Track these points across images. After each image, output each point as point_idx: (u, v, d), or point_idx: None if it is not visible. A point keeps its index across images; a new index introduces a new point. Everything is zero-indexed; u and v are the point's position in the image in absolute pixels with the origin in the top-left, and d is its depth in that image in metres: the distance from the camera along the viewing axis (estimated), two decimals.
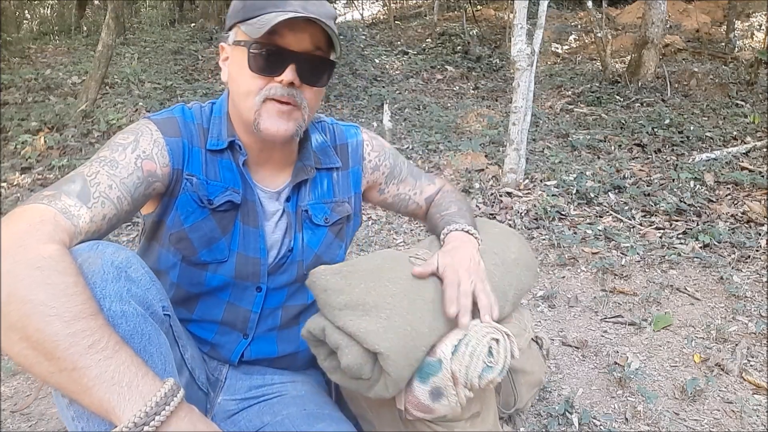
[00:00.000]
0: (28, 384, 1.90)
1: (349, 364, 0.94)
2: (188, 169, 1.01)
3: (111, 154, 0.93)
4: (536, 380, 1.24)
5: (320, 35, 0.96)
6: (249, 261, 1.07)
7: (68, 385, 0.66)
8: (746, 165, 4.08)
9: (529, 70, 3.86)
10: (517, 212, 3.42)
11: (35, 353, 0.66)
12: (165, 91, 6.31)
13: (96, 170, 0.89)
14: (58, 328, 0.65)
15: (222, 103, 1.08)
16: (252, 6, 0.95)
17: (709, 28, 9.23)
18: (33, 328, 0.65)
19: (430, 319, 0.99)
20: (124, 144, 0.95)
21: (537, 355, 1.26)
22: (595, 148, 4.79)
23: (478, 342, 0.97)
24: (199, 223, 1.02)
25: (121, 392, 0.66)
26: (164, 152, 0.98)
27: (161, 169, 0.97)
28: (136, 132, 0.98)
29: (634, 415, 1.69)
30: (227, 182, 1.04)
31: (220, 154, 1.04)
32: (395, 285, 1.00)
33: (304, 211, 1.12)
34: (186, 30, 10.18)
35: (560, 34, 9.76)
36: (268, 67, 0.94)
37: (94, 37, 8.70)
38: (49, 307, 0.66)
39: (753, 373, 1.89)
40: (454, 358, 0.96)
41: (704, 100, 6.08)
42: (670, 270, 2.66)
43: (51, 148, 4.49)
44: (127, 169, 0.92)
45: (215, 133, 1.04)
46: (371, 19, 12.81)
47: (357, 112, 6.32)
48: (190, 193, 1.01)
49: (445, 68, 8.41)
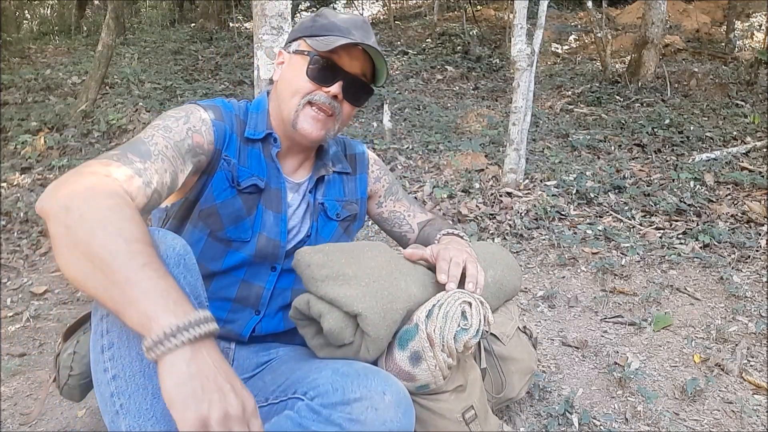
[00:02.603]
0: (29, 384, 1.90)
1: (331, 328, 1.02)
2: (226, 151, 1.13)
3: (164, 122, 1.04)
4: (526, 367, 1.27)
5: (369, 66, 1.17)
6: (270, 243, 1.17)
7: (117, 297, 0.73)
8: (746, 165, 4.08)
9: (529, 70, 3.86)
10: (517, 212, 3.42)
11: (92, 266, 0.73)
12: (165, 91, 6.31)
13: (152, 134, 1.00)
14: (120, 245, 0.74)
15: (261, 102, 1.24)
16: (322, 27, 1.14)
17: (709, 28, 9.23)
18: (98, 244, 0.73)
19: (406, 286, 1.07)
20: (176, 117, 1.07)
21: (525, 343, 1.30)
22: (595, 148, 4.79)
23: (451, 305, 1.04)
24: (229, 201, 1.13)
25: (167, 305, 0.72)
26: (210, 131, 1.10)
27: (207, 145, 1.10)
28: (187, 110, 1.10)
29: (634, 415, 1.69)
30: (253, 169, 1.18)
31: (253, 144, 1.18)
32: (374, 261, 1.10)
33: (320, 204, 1.26)
34: (186, 30, 10.17)
35: (560, 34, 9.76)
36: (322, 77, 1.12)
37: (94, 37, 8.70)
38: (116, 227, 0.75)
39: (753, 373, 1.89)
40: (429, 321, 1.03)
41: (704, 100, 6.08)
42: (670, 270, 2.66)
43: (51, 148, 4.49)
44: (180, 134, 1.04)
45: (252, 125, 1.19)
46: (371, 19, 12.80)
47: (357, 112, 6.32)
48: (225, 172, 1.13)
49: (445, 68, 8.41)
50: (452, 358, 1.04)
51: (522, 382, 1.26)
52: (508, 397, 1.25)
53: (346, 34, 1.12)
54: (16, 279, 2.79)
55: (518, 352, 1.26)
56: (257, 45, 2.90)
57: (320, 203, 1.25)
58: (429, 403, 1.09)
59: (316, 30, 1.15)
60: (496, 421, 1.18)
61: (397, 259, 1.15)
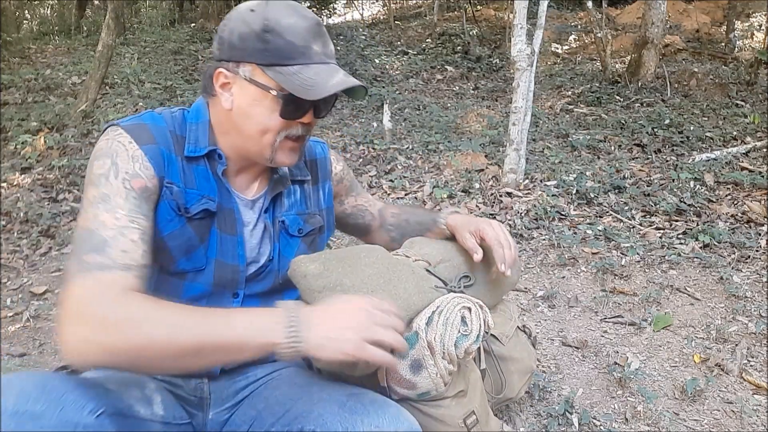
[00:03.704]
0: None
1: None
2: (168, 177, 1.01)
3: (97, 190, 0.93)
4: (526, 367, 1.26)
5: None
6: (228, 268, 1.08)
7: (229, 357, 0.85)
8: (746, 165, 4.08)
9: (529, 70, 3.86)
10: (517, 212, 3.42)
11: (195, 359, 0.82)
12: (165, 91, 6.31)
13: (93, 214, 0.91)
14: (187, 335, 0.80)
15: (199, 111, 1.08)
16: (278, 53, 0.97)
17: (709, 28, 9.23)
18: (177, 347, 0.80)
19: (405, 295, 1.04)
20: (105, 173, 0.95)
21: (525, 342, 1.29)
22: (595, 148, 4.79)
23: (450, 311, 1.02)
24: (177, 232, 1.02)
25: (262, 332, 0.83)
26: (146, 163, 0.98)
27: (150, 182, 0.98)
28: (110, 153, 0.97)
29: (634, 415, 1.69)
30: (203, 190, 1.05)
31: (196, 162, 1.05)
32: (371, 268, 1.06)
33: (280, 222, 1.15)
34: (186, 30, 10.17)
35: (560, 34, 9.76)
36: (295, 113, 1.01)
37: (94, 37, 8.70)
38: (162, 322, 0.81)
39: (753, 373, 1.89)
40: (429, 328, 1.01)
41: (704, 100, 6.08)
42: (670, 270, 2.66)
43: (51, 148, 4.49)
44: (119, 194, 0.93)
45: (192, 140, 1.05)
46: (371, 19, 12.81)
47: (357, 112, 6.32)
48: (169, 201, 1.01)
49: (445, 68, 8.41)
50: (453, 365, 1.03)
51: (522, 381, 1.26)
52: (507, 397, 1.24)
53: (309, 57, 0.98)
54: (16, 279, 2.79)
55: (518, 352, 1.26)
56: None
57: (280, 221, 1.15)
58: (430, 410, 1.07)
59: (272, 57, 0.97)
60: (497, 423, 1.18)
61: (394, 264, 1.12)
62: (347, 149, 4.87)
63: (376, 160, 4.64)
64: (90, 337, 0.79)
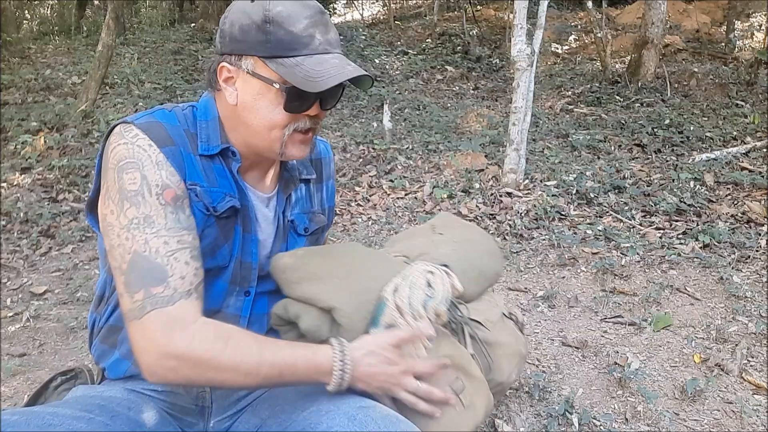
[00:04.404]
0: (28, 384, 1.90)
1: (307, 327, 1.02)
2: (190, 178, 0.99)
3: (137, 210, 0.93)
4: (514, 351, 1.25)
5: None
6: (244, 266, 1.08)
7: (281, 380, 0.93)
8: (746, 165, 4.09)
9: (529, 70, 3.86)
10: (517, 212, 3.42)
11: (254, 384, 0.93)
12: (165, 91, 6.31)
13: (144, 239, 0.92)
14: (253, 362, 0.90)
15: (207, 106, 1.06)
16: (280, 44, 0.95)
17: (709, 29, 9.23)
18: (244, 371, 0.89)
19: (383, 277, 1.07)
20: (138, 190, 0.93)
21: (512, 328, 1.30)
22: (595, 149, 4.79)
23: (415, 277, 1.05)
24: (206, 232, 1.01)
25: (311, 355, 0.93)
26: (170, 169, 0.96)
27: (178, 188, 0.97)
28: (137, 163, 0.95)
29: (634, 415, 1.69)
30: (225, 188, 1.04)
31: (211, 160, 1.04)
32: (349, 257, 1.10)
33: (290, 221, 1.15)
34: (186, 30, 10.17)
35: (560, 34, 9.76)
36: (301, 106, 0.98)
37: (94, 37, 8.70)
38: (239, 363, 0.89)
39: (753, 373, 1.89)
40: (396, 294, 1.04)
41: (704, 100, 6.08)
42: (670, 270, 2.66)
43: (51, 148, 4.49)
44: (157, 214, 0.93)
45: (204, 137, 1.03)
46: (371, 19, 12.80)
47: (357, 112, 6.32)
48: (195, 204, 0.99)
49: (445, 68, 8.41)
50: (428, 324, 1.03)
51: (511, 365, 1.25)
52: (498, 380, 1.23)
53: (311, 47, 0.95)
54: (16, 279, 2.79)
55: (504, 337, 1.25)
56: None
57: (290, 220, 1.15)
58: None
59: (274, 48, 0.95)
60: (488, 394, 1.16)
61: (369, 254, 1.14)
62: (347, 149, 4.87)
63: (376, 160, 4.64)
64: (175, 369, 0.89)
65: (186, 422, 1.07)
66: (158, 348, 0.88)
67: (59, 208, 3.57)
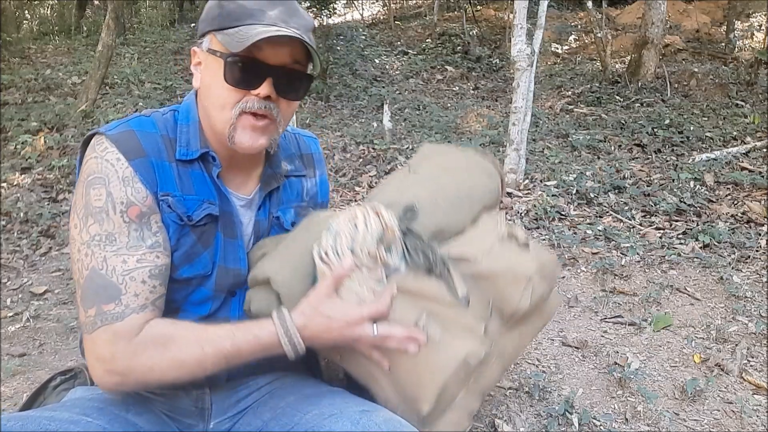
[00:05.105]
0: (28, 384, 1.90)
1: (258, 308, 1.00)
2: (162, 188, 0.97)
3: (100, 227, 0.92)
4: (518, 274, 1.06)
5: (299, 49, 0.95)
6: (230, 272, 1.06)
7: (234, 365, 0.94)
8: (746, 165, 4.09)
9: (529, 70, 3.86)
10: (517, 212, 3.42)
11: (204, 372, 0.93)
12: (165, 91, 6.31)
13: (103, 257, 0.92)
14: (194, 360, 0.91)
15: (189, 110, 1.04)
16: (229, 15, 0.93)
17: (709, 29, 9.23)
18: (188, 370, 0.92)
19: (313, 238, 1.03)
20: (103, 207, 0.92)
21: (514, 250, 1.11)
22: (595, 149, 4.79)
23: (339, 225, 0.98)
24: (181, 241, 0.99)
25: (252, 338, 0.92)
26: (137, 185, 0.94)
27: (144, 205, 0.95)
28: (104, 179, 0.93)
29: (634, 415, 1.69)
30: (203, 194, 1.01)
31: (191, 165, 1.01)
32: (296, 231, 1.08)
33: (275, 218, 1.12)
34: (186, 30, 10.18)
35: (560, 34, 9.76)
36: (245, 81, 0.93)
37: (94, 37, 8.70)
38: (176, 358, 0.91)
39: (753, 373, 1.89)
40: (320, 245, 0.98)
41: (704, 100, 6.08)
42: (670, 270, 2.66)
43: (51, 148, 4.49)
44: (120, 232, 0.92)
45: (184, 142, 1.01)
46: (371, 19, 12.80)
47: (357, 112, 6.32)
48: (168, 215, 0.97)
49: (445, 68, 8.41)
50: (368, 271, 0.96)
51: (518, 290, 1.05)
52: (510, 310, 1.06)
53: (260, 19, 0.91)
54: (16, 279, 2.79)
55: (501, 264, 1.07)
56: None
57: (275, 217, 1.11)
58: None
59: (224, 21, 0.93)
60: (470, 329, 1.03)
61: (312, 217, 1.09)
62: (347, 149, 4.87)
63: (376, 160, 4.64)
64: (120, 383, 0.92)
65: (185, 424, 1.07)
66: (103, 365, 0.90)
67: (59, 208, 3.57)
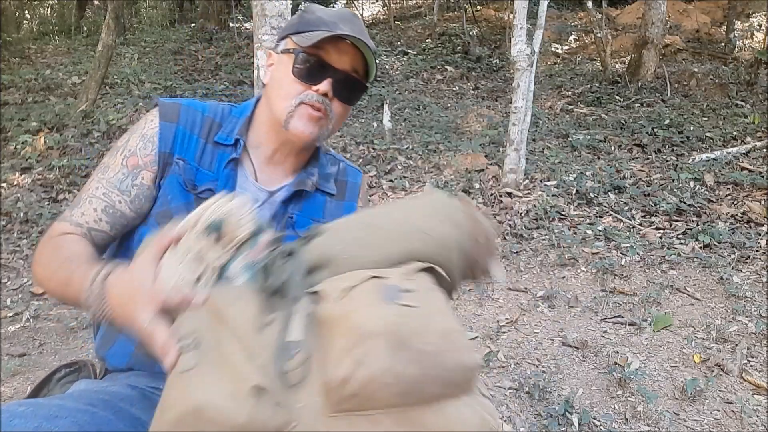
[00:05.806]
0: (28, 384, 1.90)
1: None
2: (180, 153, 1.09)
3: (108, 159, 1.09)
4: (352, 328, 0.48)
5: (359, 60, 1.09)
6: None
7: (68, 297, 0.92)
8: (746, 165, 4.08)
9: (529, 70, 3.86)
10: (517, 212, 3.42)
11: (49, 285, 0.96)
12: (165, 91, 6.31)
13: (92, 178, 1.07)
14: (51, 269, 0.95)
15: (246, 106, 1.16)
16: (307, 22, 1.09)
17: (709, 29, 9.24)
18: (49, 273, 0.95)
19: None
20: (119, 146, 1.09)
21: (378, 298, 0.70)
22: (595, 149, 4.79)
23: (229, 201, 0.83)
24: (183, 206, 1.06)
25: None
26: (149, 144, 1.08)
27: (143, 159, 1.07)
28: (135, 129, 1.10)
29: (634, 415, 1.69)
30: (216, 174, 1.11)
31: (224, 149, 1.12)
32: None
33: (289, 217, 1.14)
34: (186, 30, 10.18)
35: (560, 34, 9.77)
36: (309, 76, 1.06)
37: (94, 37, 8.70)
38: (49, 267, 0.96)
39: (753, 373, 1.89)
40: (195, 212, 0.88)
41: (704, 100, 6.08)
42: (670, 270, 2.66)
43: (51, 148, 4.49)
44: (113, 169, 1.07)
45: (228, 130, 1.13)
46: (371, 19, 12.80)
47: (357, 112, 6.32)
48: (176, 176, 1.08)
49: (445, 68, 8.41)
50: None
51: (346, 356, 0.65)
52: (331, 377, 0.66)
53: (332, 28, 1.05)
54: (16, 279, 2.79)
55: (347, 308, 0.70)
56: (257, 45, 2.90)
57: (289, 216, 1.14)
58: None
59: (301, 26, 1.09)
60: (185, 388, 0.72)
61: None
62: (347, 149, 4.87)
63: (376, 160, 4.64)
64: (34, 272, 0.99)
65: None
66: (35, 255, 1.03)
67: (59, 208, 3.57)
